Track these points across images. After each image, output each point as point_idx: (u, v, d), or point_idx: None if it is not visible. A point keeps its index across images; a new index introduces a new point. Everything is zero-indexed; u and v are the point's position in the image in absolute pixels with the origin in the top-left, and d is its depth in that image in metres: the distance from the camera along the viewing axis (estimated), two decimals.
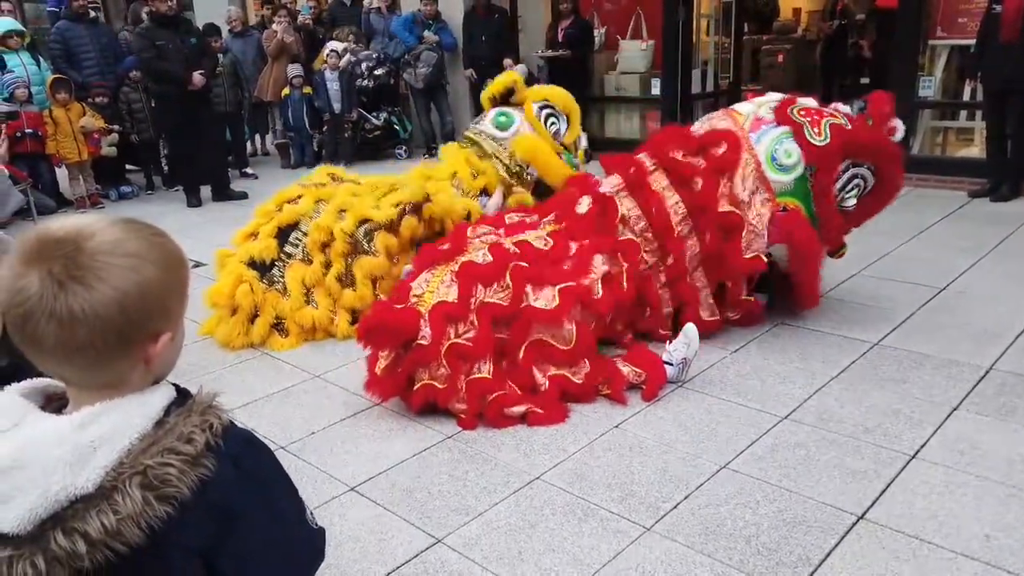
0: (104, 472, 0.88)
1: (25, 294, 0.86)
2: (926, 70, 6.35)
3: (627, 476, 2.62)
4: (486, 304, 2.99)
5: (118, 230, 0.92)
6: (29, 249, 0.88)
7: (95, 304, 0.87)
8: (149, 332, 0.93)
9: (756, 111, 3.72)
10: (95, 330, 0.87)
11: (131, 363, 0.94)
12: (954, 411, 2.93)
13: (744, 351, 3.54)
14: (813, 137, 3.50)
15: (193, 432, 0.92)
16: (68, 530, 0.87)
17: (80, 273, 0.87)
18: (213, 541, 0.95)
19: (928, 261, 4.57)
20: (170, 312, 0.96)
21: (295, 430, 3.05)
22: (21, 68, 6.83)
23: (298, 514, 1.08)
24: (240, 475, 0.96)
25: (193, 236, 6.03)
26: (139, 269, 0.90)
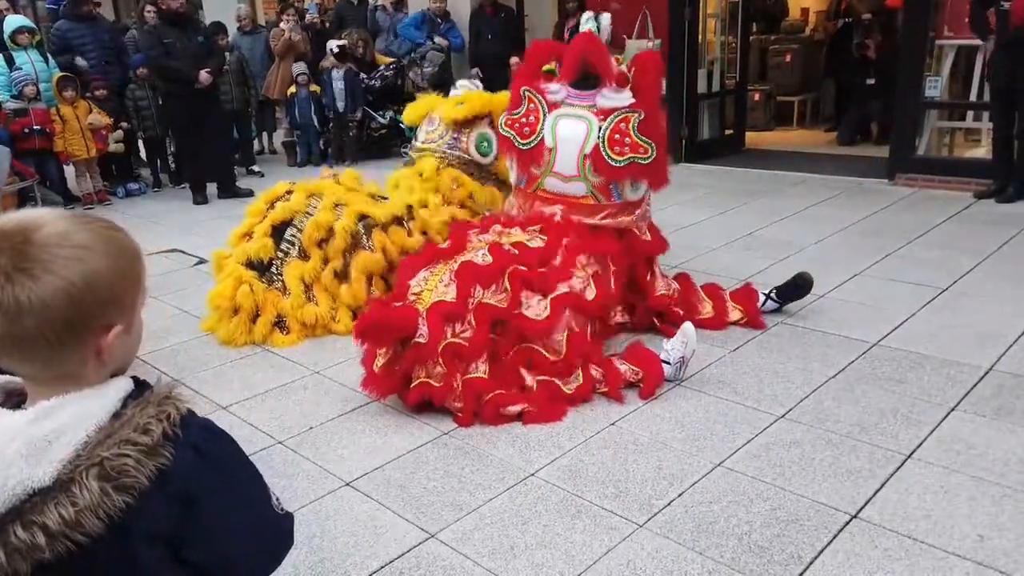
0: (60, 465, 0.89)
1: None
2: (932, 70, 6.33)
3: (622, 473, 2.63)
4: (484, 305, 3.00)
5: (67, 222, 0.93)
6: None
7: (42, 294, 0.88)
8: (100, 323, 0.94)
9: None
10: (43, 320, 0.88)
11: (83, 356, 0.94)
12: (951, 411, 2.92)
13: (743, 350, 3.54)
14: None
15: (150, 423, 0.92)
16: (27, 523, 0.88)
17: (27, 265, 0.88)
18: (176, 528, 0.95)
19: (931, 262, 4.55)
20: (122, 304, 0.96)
21: (293, 425, 3.07)
22: (30, 65, 6.88)
23: (263, 499, 1.08)
24: (200, 462, 0.96)
25: (199, 233, 6.08)
26: (87, 260, 0.91)
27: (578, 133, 3.54)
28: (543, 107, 3.66)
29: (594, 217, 3.58)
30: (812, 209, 5.91)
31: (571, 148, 3.55)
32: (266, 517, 1.06)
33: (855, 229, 5.32)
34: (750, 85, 8.86)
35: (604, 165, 3.49)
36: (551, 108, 3.65)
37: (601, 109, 3.55)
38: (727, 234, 5.33)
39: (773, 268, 4.58)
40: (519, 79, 3.83)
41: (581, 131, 3.54)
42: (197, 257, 5.39)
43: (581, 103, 3.60)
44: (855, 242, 5.03)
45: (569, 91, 3.64)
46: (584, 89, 3.61)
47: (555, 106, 3.64)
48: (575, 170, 3.55)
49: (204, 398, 3.31)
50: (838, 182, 6.68)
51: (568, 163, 3.56)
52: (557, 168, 3.60)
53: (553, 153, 3.59)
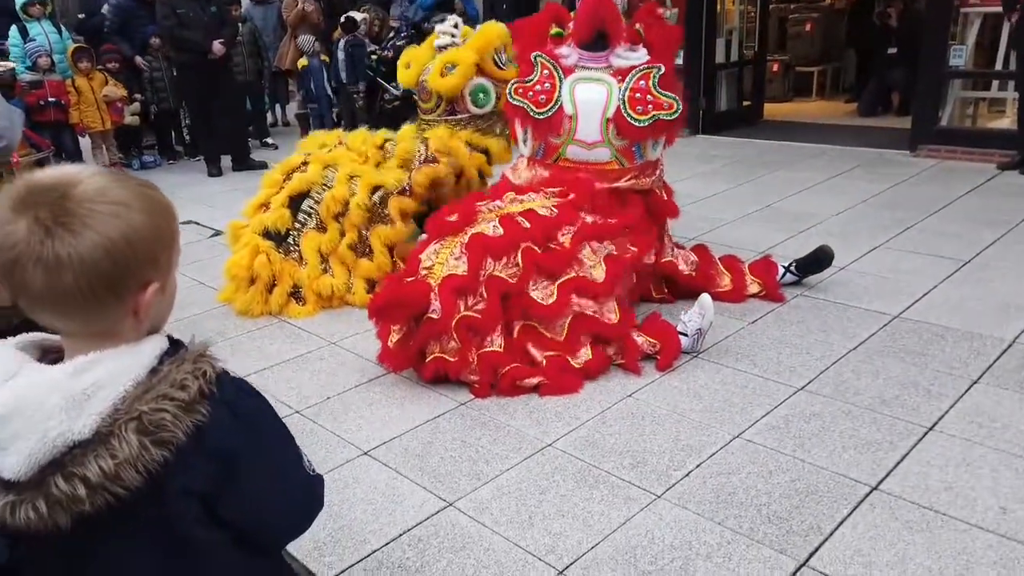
0: (99, 418, 0.90)
1: (12, 239, 0.88)
2: (957, 38, 6.19)
3: (639, 444, 2.62)
4: (495, 277, 2.98)
5: (104, 179, 0.93)
6: (17, 196, 0.89)
7: (81, 249, 0.88)
8: (137, 281, 0.94)
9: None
10: (81, 276, 0.88)
11: (120, 312, 0.94)
12: (974, 384, 2.89)
13: (762, 322, 3.51)
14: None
15: (186, 379, 0.93)
16: (68, 475, 0.89)
17: (66, 219, 0.88)
18: (212, 485, 0.97)
19: (953, 234, 4.48)
20: (158, 262, 0.96)
21: (311, 395, 3.08)
22: (43, 37, 6.86)
23: (295, 460, 1.09)
24: (236, 421, 0.98)
25: (214, 205, 6.09)
26: (125, 216, 0.91)
27: (599, 96, 3.45)
28: (558, 73, 3.54)
29: (619, 181, 3.50)
30: (831, 181, 5.84)
31: (593, 113, 3.45)
32: (299, 477, 1.08)
33: (875, 201, 5.25)
34: (769, 55, 8.72)
35: (627, 126, 3.40)
36: (566, 73, 3.54)
37: (618, 69, 3.47)
38: (745, 206, 5.27)
39: (792, 240, 4.53)
40: (526, 45, 3.69)
41: (601, 94, 3.45)
42: (213, 229, 5.40)
43: (596, 65, 3.51)
44: (875, 214, 4.96)
45: (581, 54, 3.54)
46: (595, 51, 3.51)
47: (570, 70, 3.54)
48: (599, 135, 3.46)
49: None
50: (858, 154, 6.58)
51: (591, 129, 3.47)
52: (579, 135, 3.49)
53: (574, 120, 3.48)
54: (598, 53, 3.51)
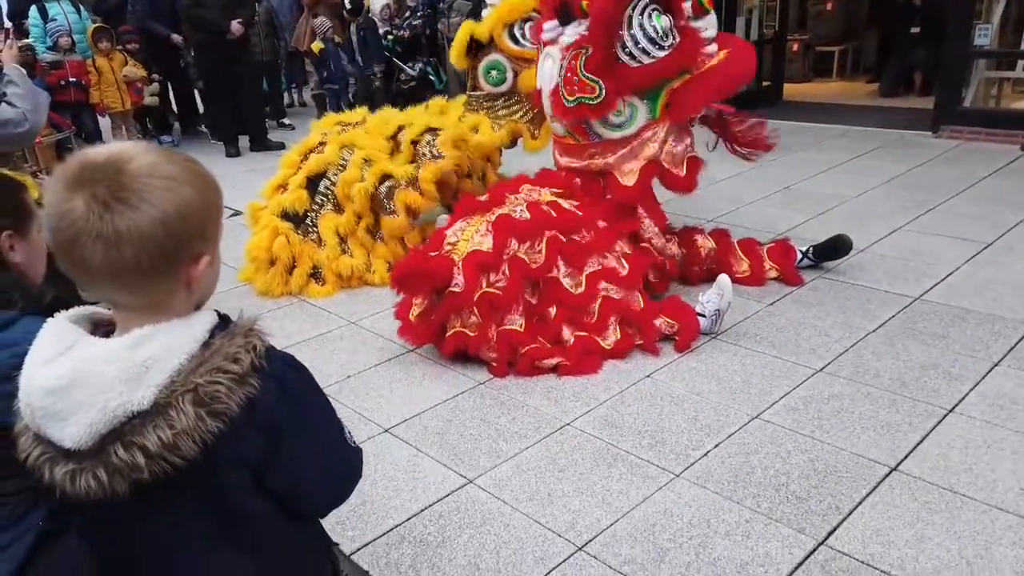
0: (157, 390, 0.93)
1: (71, 217, 0.90)
2: (982, 17, 6.08)
3: (657, 424, 2.64)
4: (518, 259, 2.99)
5: (155, 155, 0.95)
6: (71, 174, 0.91)
7: (139, 223, 0.90)
8: (190, 252, 0.97)
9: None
10: (140, 249, 0.91)
11: (175, 284, 0.97)
12: (995, 367, 2.87)
13: (780, 304, 3.50)
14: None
15: (238, 352, 0.96)
16: (127, 444, 0.92)
17: (124, 194, 0.90)
18: (262, 456, 1.00)
19: (975, 216, 4.43)
20: (207, 234, 0.99)
21: (331, 374, 3.11)
22: (63, 17, 6.90)
23: (338, 431, 1.13)
24: (284, 394, 1.01)
25: (232, 185, 6.09)
26: (178, 190, 0.93)
27: (550, 72, 3.47)
28: (541, 49, 3.60)
29: (582, 156, 3.47)
30: (852, 162, 5.78)
31: (545, 88, 3.53)
32: (341, 448, 1.11)
33: (897, 183, 5.20)
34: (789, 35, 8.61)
35: (560, 105, 3.35)
36: (545, 47, 3.55)
37: (566, 46, 3.38)
38: (764, 188, 5.23)
39: (811, 222, 4.50)
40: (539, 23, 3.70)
41: (551, 70, 3.45)
42: (232, 209, 5.42)
43: (560, 39, 3.43)
44: (897, 196, 4.91)
45: (558, 28, 3.45)
46: (564, 24, 3.41)
47: (549, 44, 3.50)
48: (551, 110, 3.50)
49: None
50: (879, 134, 6.51)
51: (547, 104, 3.54)
52: (546, 110, 3.60)
53: (543, 96, 3.57)
54: (561, 28, 3.42)
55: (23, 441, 0.98)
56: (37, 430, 0.96)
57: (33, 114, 2.74)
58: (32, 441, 0.97)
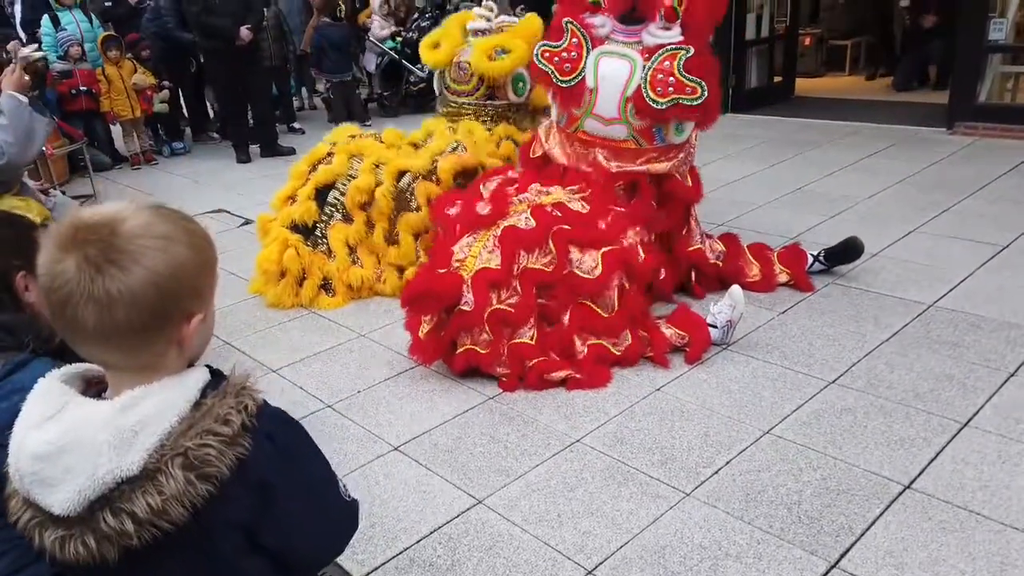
0: (147, 454, 0.92)
1: (63, 278, 0.90)
2: (998, 11, 5.99)
3: (668, 440, 2.62)
4: (529, 270, 2.98)
5: (148, 214, 0.95)
6: (65, 235, 0.91)
7: (131, 285, 0.90)
8: (183, 312, 0.97)
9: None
10: (132, 311, 0.91)
11: (166, 344, 0.97)
12: (1011, 377, 2.84)
13: (792, 312, 3.47)
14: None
15: (230, 413, 0.95)
16: (116, 510, 0.92)
17: (116, 256, 0.90)
18: (253, 515, 0.99)
19: (991, 217, 4.38)
20: (201, 293, 0.99)
21: (341, 389, 3.12)
22: (74, 26, 6.93)
23: (332, 486, 1.12)
24: (276, 451, 1.00)
25: (243, 192, 6.14)
26: (170, 250, 0.93)
27: (621, 73, 3.37)
28: (587, 43, 3.45)
29: (635, 161, 3.46)
30: (866, 161, 5.72)
31: (613, 89, 3.38)
32: (335, 503, 1.10)
33: (911, 182, 5.14)
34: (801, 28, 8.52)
35: (647, 107, 3.31)
36: (595, 44, 3.45)
37: (647, 47, 3.36)
38: (776, 189, 5.19)
39: (824, 225, 4.46)
40: (561, 11, 3.60)
41: (624, 71, 3.36)
42: (242, 218, 5.45)
43: (626, 39, 3.41)
44: (911, 196, 4.86)
45: (615, 25, 3.43)
46: (631, 24, 3.40)
47: (599, 42, 3.44)
48: (616, 112, 3.40)
49: (254, 361, 3.38)
50: (893, 131, 6.44)
51: (609, 105, 3.41)
52: (598, 110, 3.44)
53: (594, 94, 3.42)
54: (632, 27, 3.39)
55: (13, 504, 0.98)
56: (26, 495, 0.96)
57: (15, 146, 2.63)
58: (22, 505, 0.97)
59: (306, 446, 1.07)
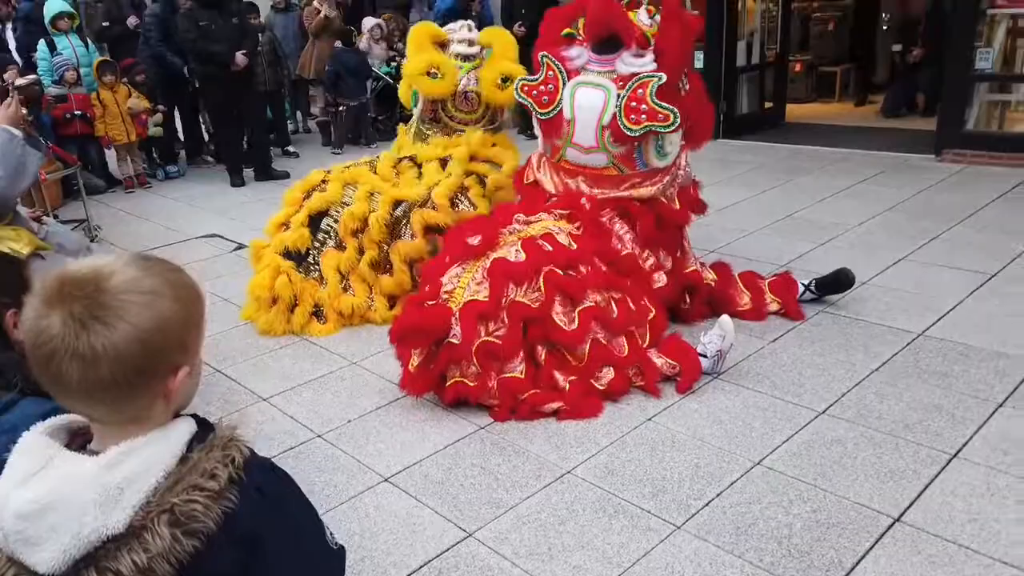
0: (133, 512, 0.92)
1: (48, 335, 0.89)
2: (984, 40, 6.08)
3: (659, 472, 2.62)
4: (517, 303, 2.99)
5: (136, 268, 0.95)
6: (51, 290, 0.91)
7: (117, 341, 0.90)
8: (168, 366, 0.96)
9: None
10: (117, 367, 0.90)
11: (152, 398, 0.96)
12: (999, 407, 2.85)
13: (783, 341, 3.48)
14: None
15: (216, 468, 0.95)
16: (101, 569, 0.91)
17: (101, 313, 0.90)
18: (240, 568, 0.98)
19: (979, 245, 4.41)
20: (187, 346, 0.98)
21: (332, 418, 3.11)
22: (70, 50, 6.96)
23: (319, 535, 1.11)
24: (263, 503, 0.99)
25: (236, 217, 6.15)
26: (157, 305, 0.93)
27: (596, 102, 3.44)
28: (562, 75, 3.55)
29: (619, 188, 3.52)
30: (856, 187, 5.77)
31: (589, 118, 3.46)
32: (322, 553, 1.10)
33: (900, 209, 5.19)
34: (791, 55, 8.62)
35: (623, 135, 3.39)
36: (570, 75, 3.54)
37: (620, 75, 3.43)
38: (767, 215, 5.23)
39: (814, 252, 4.49)
40: (538, 45, 3.70)
41: (599, 100, 3.44)
42: (235, 243, 5.45)
43: (601, 69, 3.48)
44: (900, 224, 4.90)
45: (590, 56, 3.52)
46: (605, 53, 3.47)
47: (575, 73, 3.53)
48: (594, 141, 3.47)
49: (245, 389, 3.38)
50: (883, 158, 6.50)
51: (587, 134, 3.48)
52: (576, 139, 3.53)
53: (572, 124, 3.51)
54: (606, 56, 3.47)
55: None
56: (10, 554, 0.94)
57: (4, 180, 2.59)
58: (5, 563, 0.96)
59: (294, 496, 1.07)
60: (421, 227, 4.00)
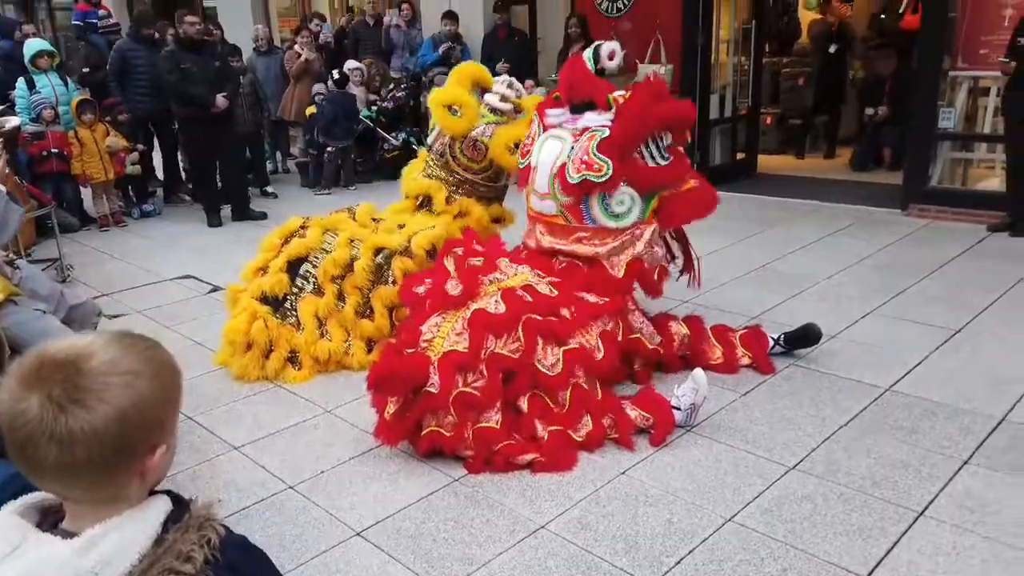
0: None
1: (25, 418, 0.90)
2: (946, 100, 6.31)
3: (632, 527, 2.63)
4: (496, 355, 3.01)
5: (115, 348, 0.96)
6: (29, 371, 0.92)
7: (95, 424, 0.91)
8: (146, 445, 0.97)
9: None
10: (95, 448, 0.91)
11: (129, 477, 0.97)
12: (964, 464, 2.91)
13: (754, 394, 3.53)
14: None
15: (192, 550, 0.95)
16: None
17: (80, 395, 0.91)
18: None
19: (944, 300, 4.53)
20: (164, 424, 1.00)
21: (304, 469, 3.08)
22: (49, 89, 6.97)
23: None
24: None
25: (213, 257, 6.13)
26: (135, 385, 0.94)
27: (555, 152, 3.64)
28: (539, 130, 3.80)
29: (567, 239, 3.65)
30: (825, 240, 5.90)
31: (546, 167, 3.65)
32: None
33: (868, 263, 5.31)
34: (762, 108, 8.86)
35: (565, 183, 3.56)
36: (546, 130, 3.77)
37: (580, 130, 3.62)
38: (740, 266, 5.32)
39: (786, 304, 4.57)
40: (537, 109, 3.94)
41: (557, 150, 3.64)
42: (211, 284, 5.43)
43: (570, 125, 3.68)
44: (867, 277, 5.02)
45: (567, 115, 3.72)
46: (578, 113, 3.68)
47: (551, 128, 3.75)
48: (547, 188, 3.65)
49: (216, 437, 3.34)
50: (851, 211, 6.67)
51: (543, 181, 3.67)
52: (536, 186, 3.72)
53: (535, 172, 3.71)
54: (578, 115, 3.67)
55: None
56: None
57: None
58: None
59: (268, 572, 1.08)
60: (402, 274, 4.02)
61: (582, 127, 3.60)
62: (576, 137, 3.60)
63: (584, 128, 3.59)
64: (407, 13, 9.37)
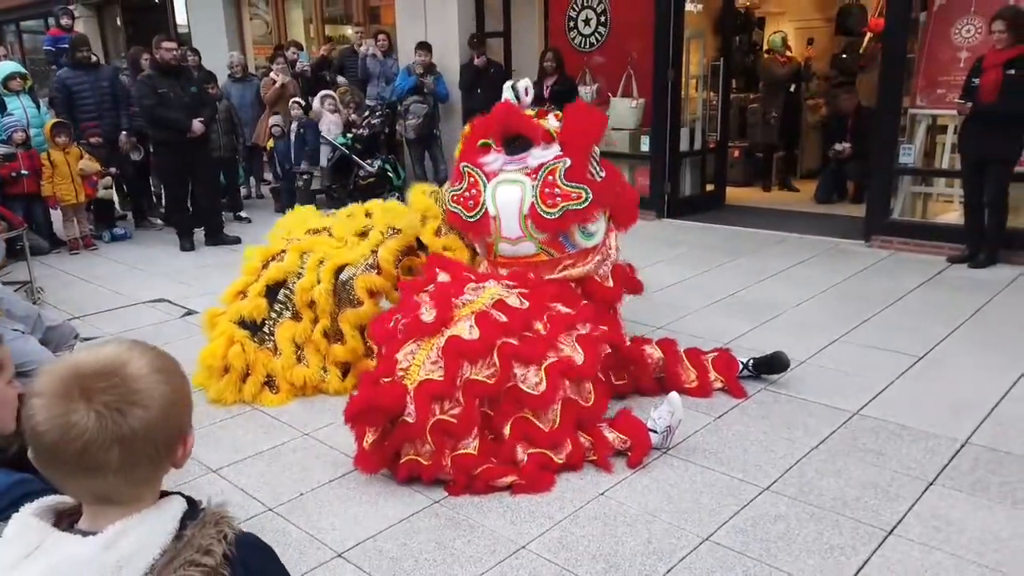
0: None
1: (79, 428, 0.94)
2: (907, 136, 6.56)
3: (611, 547, 2.67)
4: (472, 381, 3.04)
5: (137, 352, 1.02)
6: (67, 387, 0.96)
7: (151, 420, 0.98)
8: (181, 435, 1.05)
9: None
10: (150, 443, 0.98)
11: (169, 464, 1.05)
12: (930, 485, 3.01)
13: (728, 417, 3.61)
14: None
15: (211, 544, 1.00)
16: None
17: (135, 397, 0.97)
18: None
19: (907, 328, 4.68)
20: (190, 414, 1.08)
21: (283, 491, 3.08)
22: (21, 111, 6.94)
23: None
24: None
25: (186, 281, 6.09)
26: (169, 382, 1.02)
27: (515, 196, 3.72)
28: (482, 179, 3.83)
29: (555, 271, 3.76)
30: (792, 270, 6.06)
31: (511, 211, 3.72)
32: None
33: (834, 292, 5.47)
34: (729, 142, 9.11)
35: (542, 220, 3.66)
36: (489, 178, 3.82)
37: (532, 169, 3.73)
38: (710, 294, 5.44)
39: (754, 332, 4.68)
40: (459, 158, 4.02)
41: (517, 193, 3.72)
42: (185, 308, 5.40)
43: (516, 167, 3.78)
44: (833, 306, 5.16)
45: (505, 158, 3.82)
46: (516, 153, 3.79)
47: (493, 175, 3.82)
48: (519, 231, 3.73)
49: (194, 460, 3.31)
50: (816, 242, 6.86)
51: (512, 225, 3.74)
52: (504, 233, 3.78)
53: (498, 220, 3.76)
54: (518, 156, 3.79)
55: None
56: None
57: None
58: None
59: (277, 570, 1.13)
60: (365, 292, 4.03)
61: (536, 165, 3.71)
62: (532, 175, 3.71)
63: (540, 165, 3.70)
64: (384, 43, 9.50)
